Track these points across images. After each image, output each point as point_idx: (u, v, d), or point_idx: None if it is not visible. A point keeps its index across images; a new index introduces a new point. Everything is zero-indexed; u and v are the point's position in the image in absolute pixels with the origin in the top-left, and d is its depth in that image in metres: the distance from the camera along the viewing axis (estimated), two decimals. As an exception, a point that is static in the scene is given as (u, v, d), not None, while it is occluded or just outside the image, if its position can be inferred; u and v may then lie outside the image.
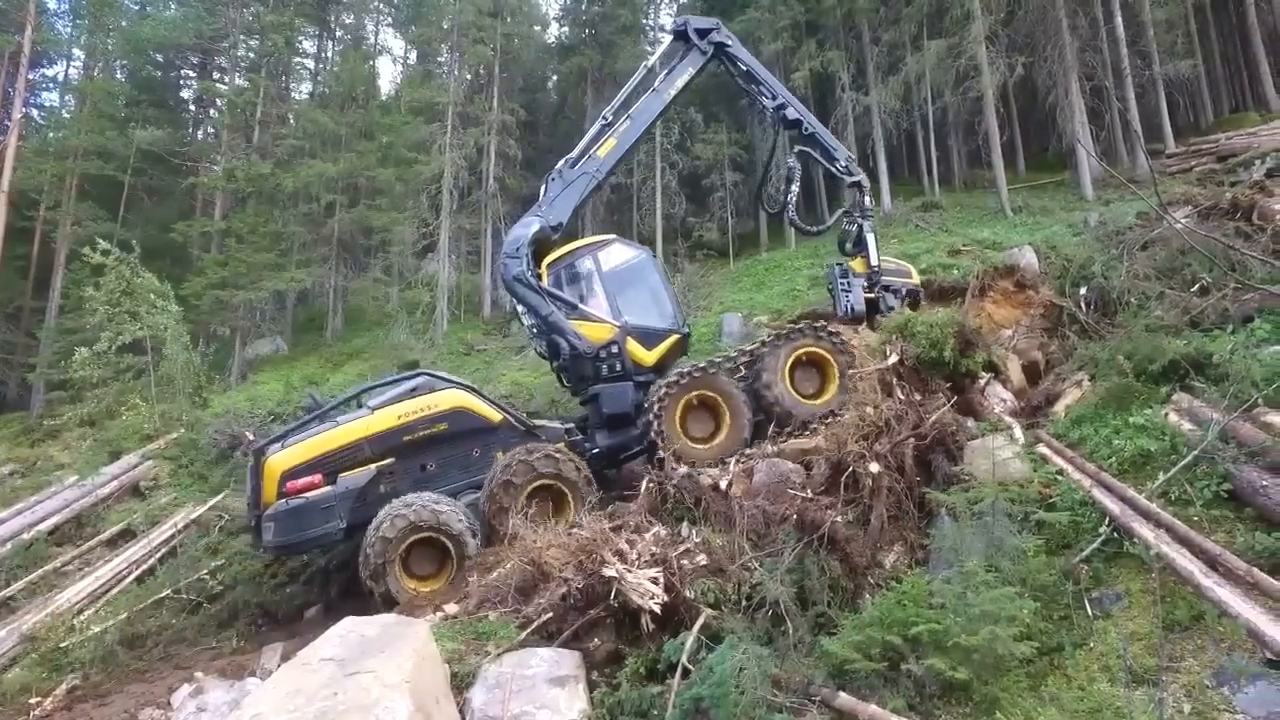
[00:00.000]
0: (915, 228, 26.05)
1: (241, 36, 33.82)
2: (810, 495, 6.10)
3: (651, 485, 6.65)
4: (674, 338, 10.24)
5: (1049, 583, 5.01)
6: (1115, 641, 4.45)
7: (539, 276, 9.79)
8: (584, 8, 40.51)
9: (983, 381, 7.43)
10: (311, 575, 10.95)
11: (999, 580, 4.77)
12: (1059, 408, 7.26)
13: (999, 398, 7.46)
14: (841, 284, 10.44)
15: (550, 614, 5.80)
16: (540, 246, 10.06)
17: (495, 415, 9.50)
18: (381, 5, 44.50)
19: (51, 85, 35.58)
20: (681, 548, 5.83)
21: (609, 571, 5.53)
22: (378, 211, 28.83)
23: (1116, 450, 5.99)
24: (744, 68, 11.62)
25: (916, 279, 11.25)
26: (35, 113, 35.12)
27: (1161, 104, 28.55)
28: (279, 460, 8.64)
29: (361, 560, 8.02)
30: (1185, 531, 4.79)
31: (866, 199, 11.13)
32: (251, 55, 34.07)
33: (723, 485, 6.72)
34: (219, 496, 12.89)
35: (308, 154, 30.58)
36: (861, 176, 11.39)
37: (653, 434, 8.86)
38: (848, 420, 6.44)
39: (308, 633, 8.79)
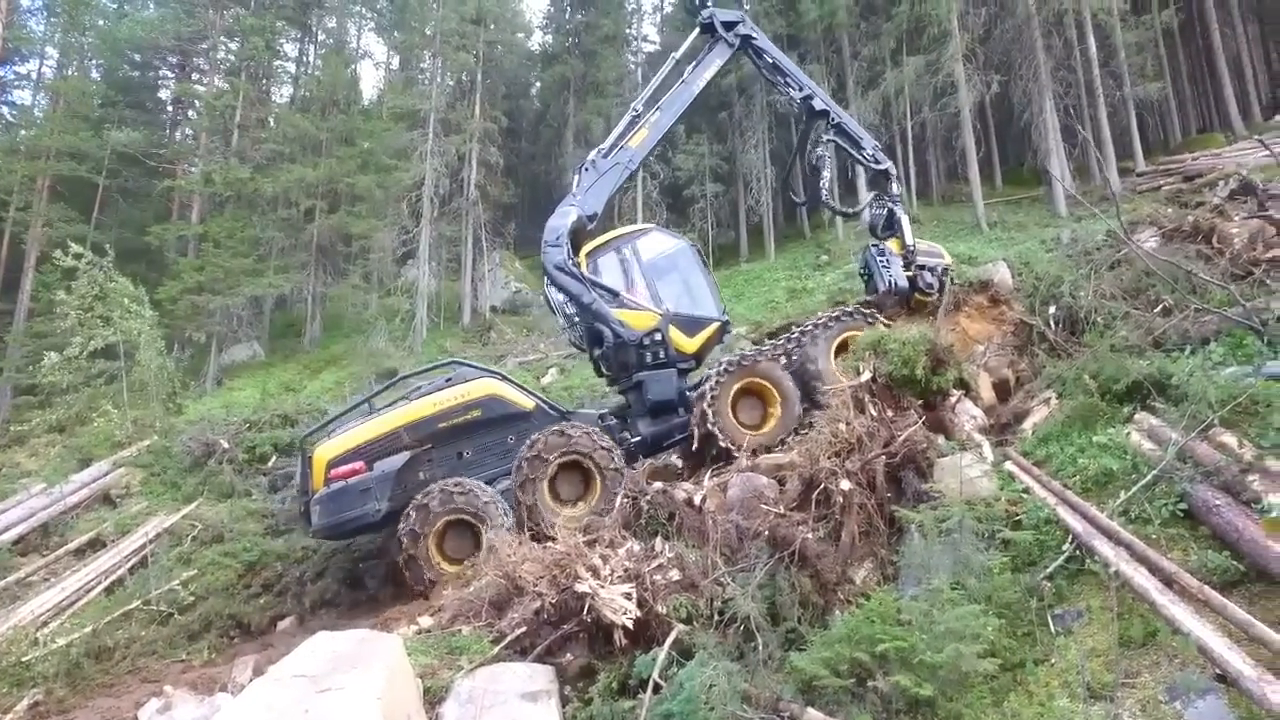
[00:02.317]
0: (893, 241, 26.33)
1: (222, 39, 33.59)
2: (783, 511, 6.18)
3: (626, 500, 6.70)
4: (715, 325, 10.37)
5: (1013, 600, 5.12)
6: (1075, 658, 4.56)
7: (578, 265, 9.82)
8: (567, 16, 40.75)
9: (953, 399, 7.56)
10: (285, 586, 10.87)
11: (965, 598, 4.87)
12: (1027, 425, 7.41)
13: (969, 415, 7.59)
14: (881, 261, 10.61)
15: (524, 628, 5.82)
16: (576, 236, 10.05)
17: (528, 402, 9.75)
18: (364, 10, 44.41)
19: (24, 83, 34.98)
20: (655, 563, 5.87)
21: (582, 587, 5.58)
22: (357, 218, 28.70)
23: (1081, 469, 6.14)
24: (770, 60, 11.78)
25: (948, 258, 11.46)
26: (6, 111, 34.50)
27: (1132, 123, 29.25)
28: (325, 450, 9.19)
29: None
30: (1143, 550, 4.92)
31: (894, 185, 11.42)
32: (231, 58, 33.81)
33: (697, 500, 6.79)
34: (192, 505, 12.70)
35: (287, 158, 30.39)
36: (889, 164, 11.63)
37: (709, 422, 8.92)
38: (821, 437, 6.53)
39: (281, 644, 8.73)
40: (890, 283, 10.39)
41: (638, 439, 9.65)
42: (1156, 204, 16.83)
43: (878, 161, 11.52)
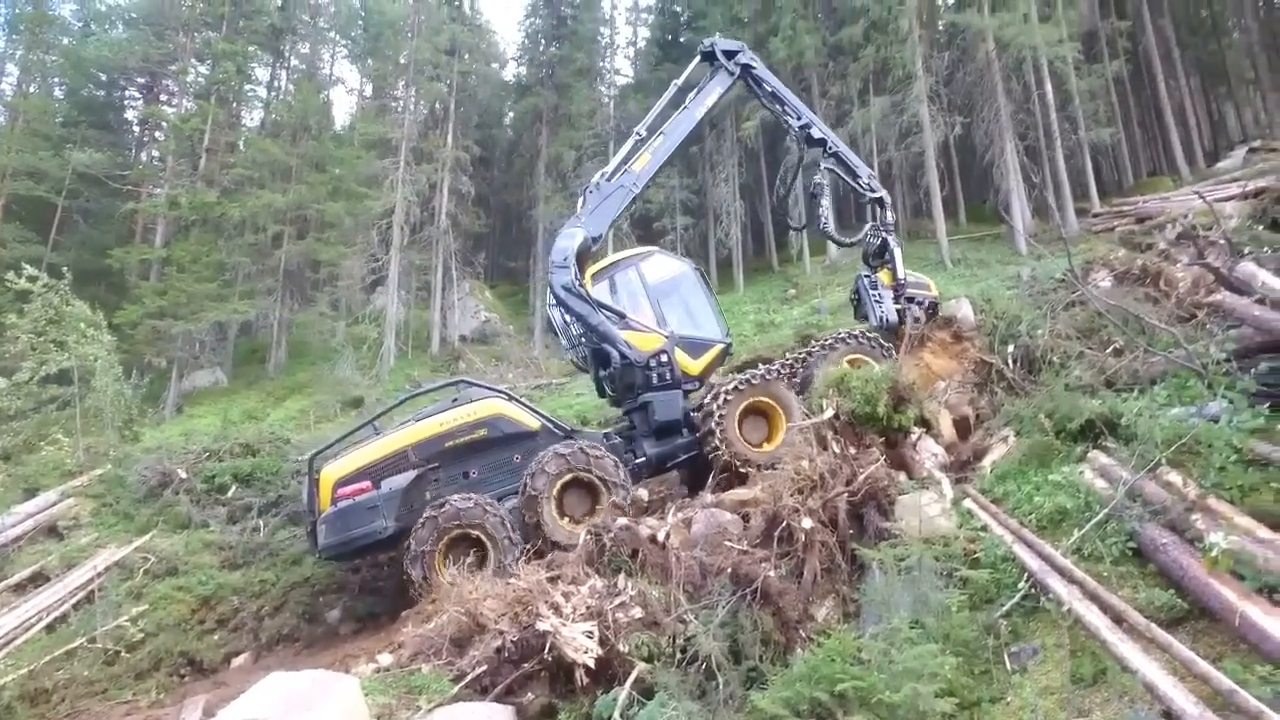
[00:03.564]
0: (859, 276, 26.82)
1: (192, 61, 33.35)
2: (746, 548, 6.20)
3: (589, 536, 6.67)
4: (719, 347, 10.66)
5: (971, 638, 5.17)
6: (1030, 696, 4.61)
7: (585, 287, 9.92)
8: (541, 49, 41.25)
9: (915, 436, 7.70)
10: (241, 621, 10.57)
11: (923, 636, 4.92)
12: (986, 463, 7.54)
13: (930, 452, 7.72)
14: (874, 295, 11.02)
15: (484, 667, 5.75)
16: (580, 258, 10.17)
17: (534, 422, 9.87)
18: (338, 37, 44.49)
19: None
20: (617, 600, 5.85)
21: (544, 625, 5.53)
22: (326, 244, 28.52)
23: (1036, 507, 6.25)
24: (769, 89, 12.11)
25: (935, 291, 11.85)
26: (-39, 128, 33.75)
27: (1088, 165, 30.41)
28: (332, 470, 9.26)
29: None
30: (1095, 587, 5.02)
31: (888, 214, 11.78)
32: (201, 81, 33.57)
33: (660, 536, 6.78)
34: (146, 537, 12.28)
35: (256, 183, 30.12)
36: (883, 193, 12.00)
37: (716, 440, 9.16)
38: (785, 473, 6.59)
39: (235, 683, 8.48)
40: (881, 318, 10.81)
41: (643, 459, 9.79)
42: (1111, 244, 17.40)
43: (873, 190, 11.89)
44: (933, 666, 4.59)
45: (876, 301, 10.94)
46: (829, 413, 7.21)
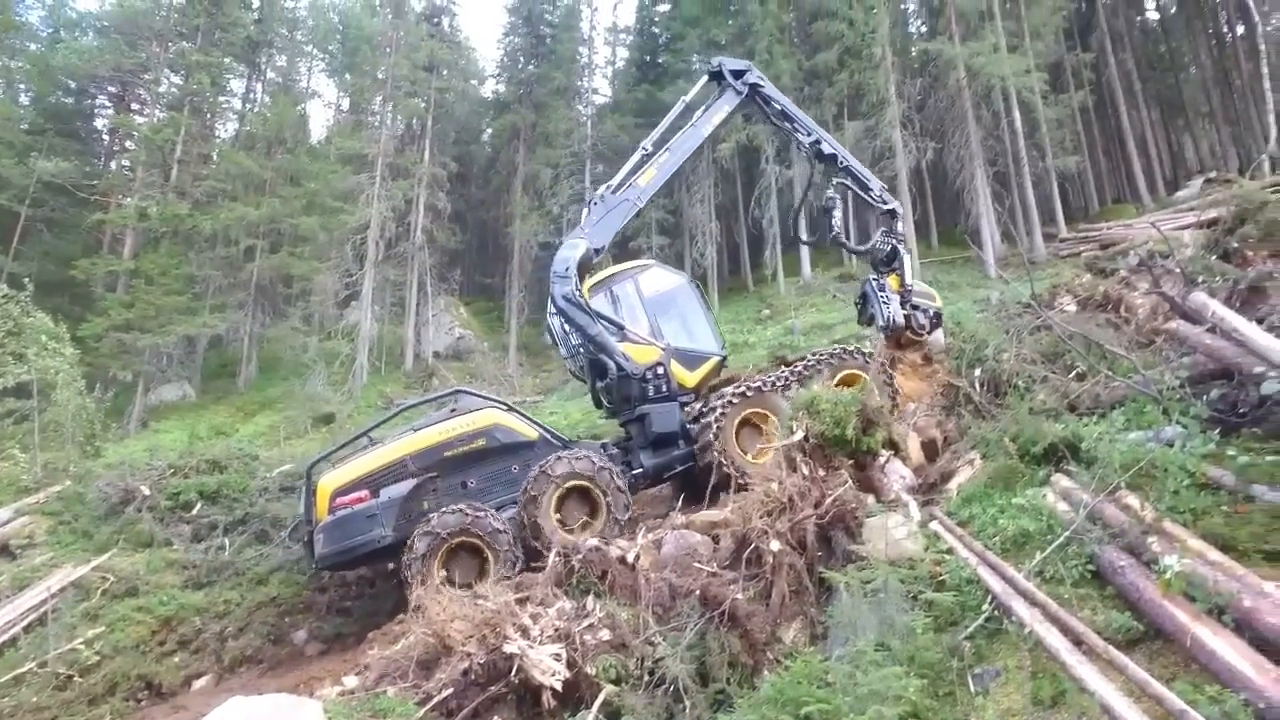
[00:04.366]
0: (833, 297, 27.24)
1: (166, 71, 33.02)
2: (715, 570, 6.22)
3: (558, 558, 6.65)
4: (714, 360, 10.79)
5: (935, 660, 5.21)
6: (991, 718, 4.66)
7: (585, 297, 9.98)
8: (520, 67, 41.50)
9: (883, 459, 7.78)
10: (204, 642, 10.34)
11: (889, 659, 4.96)
12: (953, 485, 7.62)
13: (898, 474, 7.80)
14: (881, 296, 11.24)
15: (451, 689, 5.69)
16: (581, 269, 10.21)
17: (532, 432, 9.92)
18: (315, 51, 44.39)
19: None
20: (586, 622, 5.83)
21: (511, 647, 5.50)
22: (300, 259, 28.26)
23: (1001, 529, 6.32)
24: (778, 107, 12.24)
25: (939, 302, 12.11)
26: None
27: (1054, 192, 31.21)
28: (329, 480, 9.23)
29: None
30: (1055, 610, 5.10)
31: (899, 224, 12.08)
32: (175, 91, 33.23)
33: (630, 558, 6.78)
34: (105, 556, 11.94)
35: (229, 196, 29.81)
36: (895, 204, 12.31)
37: (714, 449, 9.26)
38: (754, 495, 6.63)
39: (194, 707, 8.30)
40: (888, 318, 11.04)
41: (640, 470, 9.85)
42: (1077, 269, 17.83)
43: (885, 202, 12.17)
44: (897, 689, 4.63)
45: (884, 303, 11.19)
46: (798, 435, 7.27)
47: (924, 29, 39.81)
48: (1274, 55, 31.35)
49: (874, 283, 11.54)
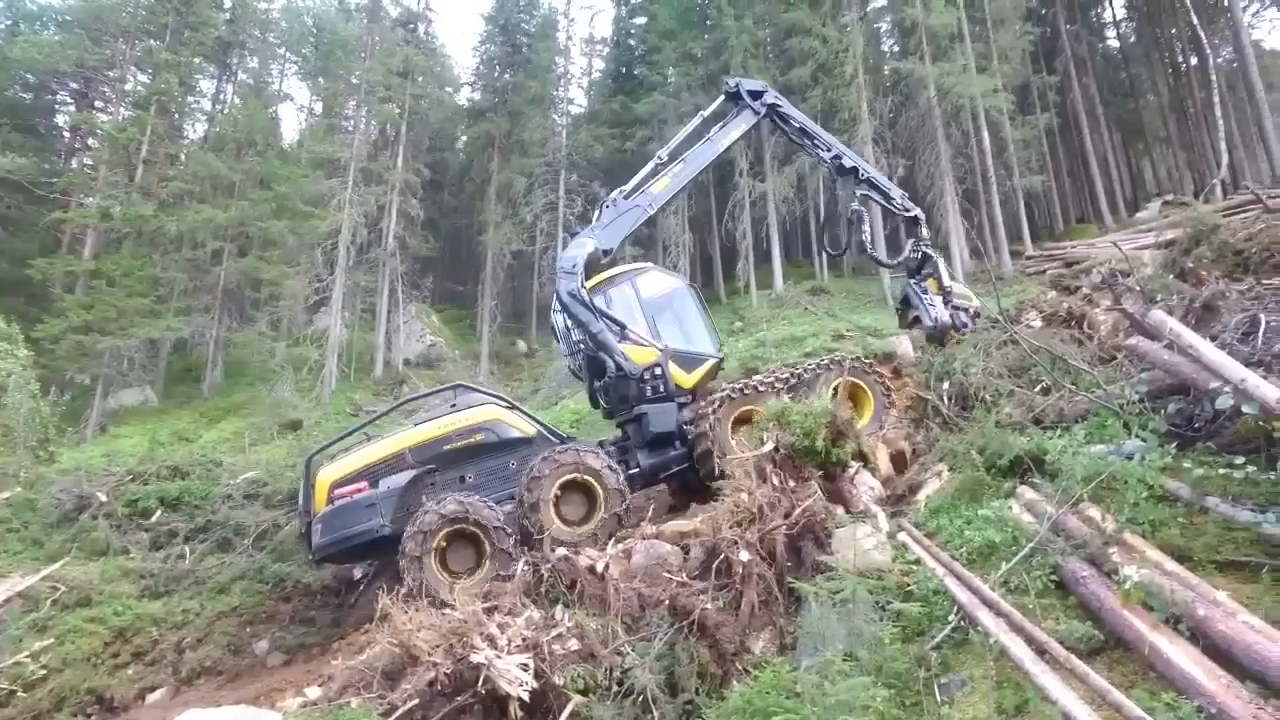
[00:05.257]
0: (804, 309, 27.50)
1: (132, 69, 32.35)
2: (685, 580, 6.22)
3: (527, 567, 6.60)
4: (711, 362, 10.88)
5: (903, 670, 5.25)
6: (957, 728, 4.71)
7: (589, 295, 10.01)
8: (496, 75, 41.42)
9: (852, 470, 7.86)
10: (160, 653, 10.05)
11: (856, 669, 5.00)
12: (921, 497, 7.74)
13: (867, 486, 7.89)
14: (926, 299, 11.58)
15: (416, 700, 5.59)
16: (587, 269, 10.24)
17: (530, 429, 10.01)
18: (288, 54, 43.87)
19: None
20: (554, 632, 5.78)
21: (478, 657, 5.42)
22: (268, 263, 27.78)
23: (967, 540, 6.42)
24: (797, 125, 12.45)
25: (977, 302, 12.29)
26: None
27: (1021, 210, 31.93)
28: (328, 473, 9.28)
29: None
30: (1020, 620, 5.18)
31: (924, 230, 12.29)
32: (141, 90, 32.53)
33: (599, 567, 6.75)
34: (56, 565, 11.55)
35: (196, 198, 29.22)
36: (917, 211, 12.48)
37: (709, 442, 9.36)
38: (724, 506, 6.65)
39: (147, 721, 8.03)
40: (935, 318, 11.38)
41: (637, 469, 9.88)
42: (1042, 286, 18.28)
43: (908, 209, 12.39)
44: (865, 699, 4.66)
45: (930, 305, 11.52)
46: (769, 446, 7.32)
47: (895, 48, 40.56)
48: (1224, 86, 32.51)
49: (916, 286, 11.85)
